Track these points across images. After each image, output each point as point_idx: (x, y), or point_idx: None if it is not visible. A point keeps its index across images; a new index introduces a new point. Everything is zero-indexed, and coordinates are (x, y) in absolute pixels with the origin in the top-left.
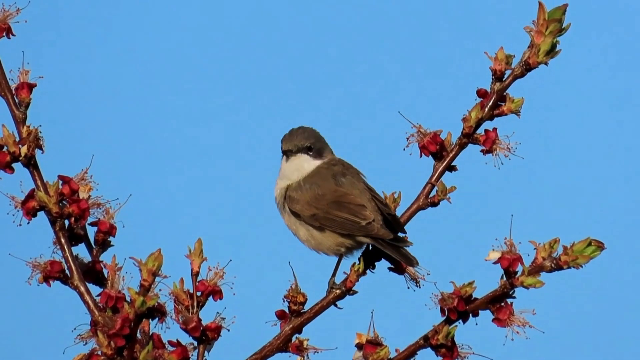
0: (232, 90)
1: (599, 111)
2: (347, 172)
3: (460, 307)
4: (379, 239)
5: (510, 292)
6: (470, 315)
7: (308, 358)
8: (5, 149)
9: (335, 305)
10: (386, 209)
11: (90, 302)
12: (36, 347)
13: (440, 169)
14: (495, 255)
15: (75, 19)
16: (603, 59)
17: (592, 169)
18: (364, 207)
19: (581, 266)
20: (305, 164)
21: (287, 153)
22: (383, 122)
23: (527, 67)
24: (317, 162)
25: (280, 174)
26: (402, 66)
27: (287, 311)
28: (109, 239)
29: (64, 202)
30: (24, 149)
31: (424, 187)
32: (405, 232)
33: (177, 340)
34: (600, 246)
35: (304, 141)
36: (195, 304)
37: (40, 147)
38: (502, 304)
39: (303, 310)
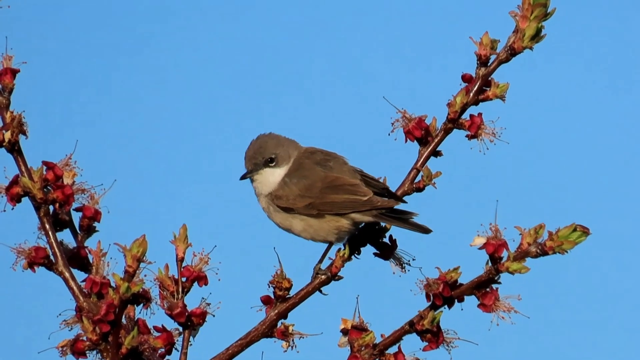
0: (218, 82)
1: (585, 97)
2: (329, 158)
3: (445, 293)
4: (385, 212)
5: (496, 278)
6: (456, 300)
7: (293, 343)
8: None
9: (321, 291)
10: (379, 184)
11: (75, 287)
12: (21, 333)
13: (425, 154)
14: (481, 240)
15: (58, 4)
16: (588, 44)
17: (578, 154)
18: (358, 185)
19: (566, 252)
20: (270, 177)
21: (250, 174)
22: (368, 108)
23: (512, 52)
24: (281, 170)
25: (256, 191)
26: (387, 51)
27: (272, 297)
28: (93, 225)
29: (48, 187)
30: (7, 135)
31: (409, 173)
32: (405, 202)
33: (162, 325)
34: (585, 232)
35: (260, 156)
36: (180, 289)
37: (24, 133)
38: (488, 289)
39: (288, 296)
